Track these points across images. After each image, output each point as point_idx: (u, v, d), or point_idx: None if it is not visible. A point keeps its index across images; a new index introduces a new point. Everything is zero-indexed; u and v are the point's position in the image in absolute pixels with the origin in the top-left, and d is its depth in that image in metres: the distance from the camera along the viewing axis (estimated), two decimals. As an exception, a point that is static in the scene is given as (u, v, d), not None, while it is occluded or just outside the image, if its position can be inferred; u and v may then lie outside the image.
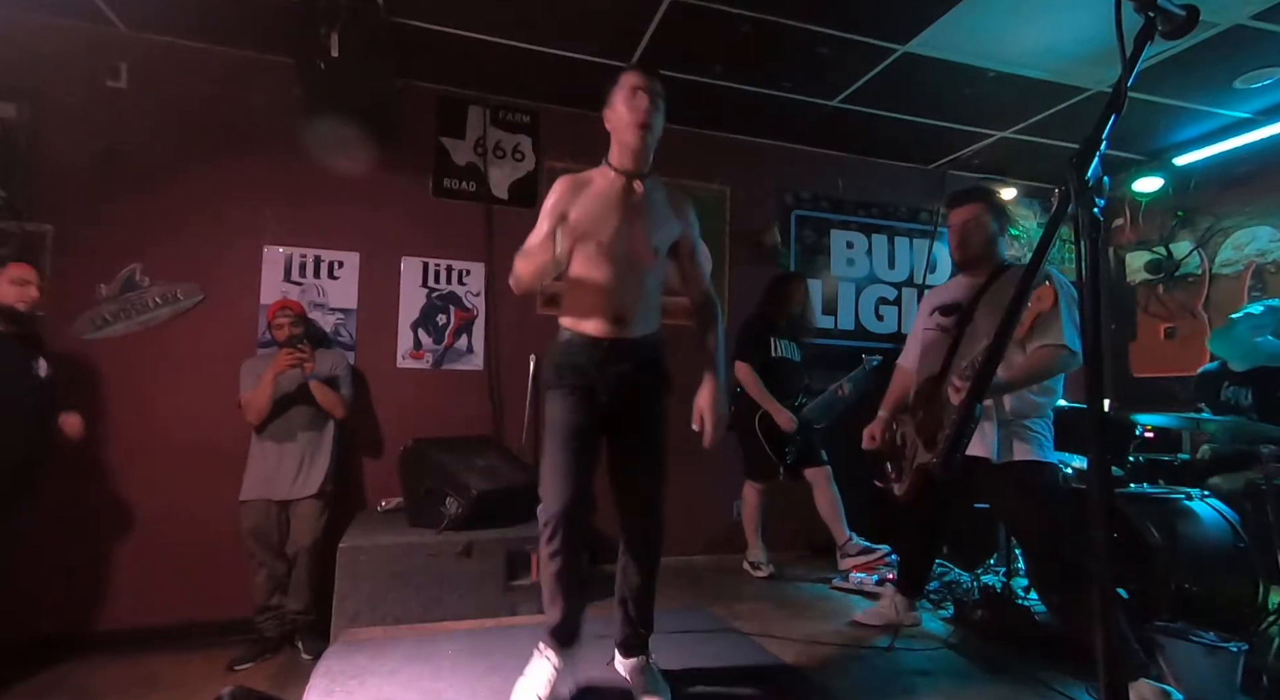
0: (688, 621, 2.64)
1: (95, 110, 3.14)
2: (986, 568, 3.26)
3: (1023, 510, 2.25)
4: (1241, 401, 3.01)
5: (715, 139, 4.24)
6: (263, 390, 2.88)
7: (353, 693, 1.93)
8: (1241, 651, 1.98)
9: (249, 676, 2.65)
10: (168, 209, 3.22)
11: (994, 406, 2.26)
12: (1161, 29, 0.98)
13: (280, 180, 3.38)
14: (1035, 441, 2.25)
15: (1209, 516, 2.58)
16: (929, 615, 2.82)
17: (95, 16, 3.06)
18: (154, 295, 3.19)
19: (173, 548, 3.07)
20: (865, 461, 2.71)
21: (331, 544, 2.72)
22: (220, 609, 3.05)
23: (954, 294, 2.53)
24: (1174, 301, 4.38)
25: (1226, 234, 4.11)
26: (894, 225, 4.68)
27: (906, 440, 2.55)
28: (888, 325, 4.60)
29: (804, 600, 3.09)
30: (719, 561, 3.80)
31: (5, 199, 3.01)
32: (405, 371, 3.58)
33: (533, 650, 1.92)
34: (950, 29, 3.02)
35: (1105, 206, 0.89)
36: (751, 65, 3.41)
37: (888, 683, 2.18)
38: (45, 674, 2.64)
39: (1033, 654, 2.38)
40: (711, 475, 3.98)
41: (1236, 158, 4.04)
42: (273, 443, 2.96)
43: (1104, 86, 3.48)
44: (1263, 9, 2.80)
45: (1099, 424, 0.85)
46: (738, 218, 4.29)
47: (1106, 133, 0.90)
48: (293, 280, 3.41)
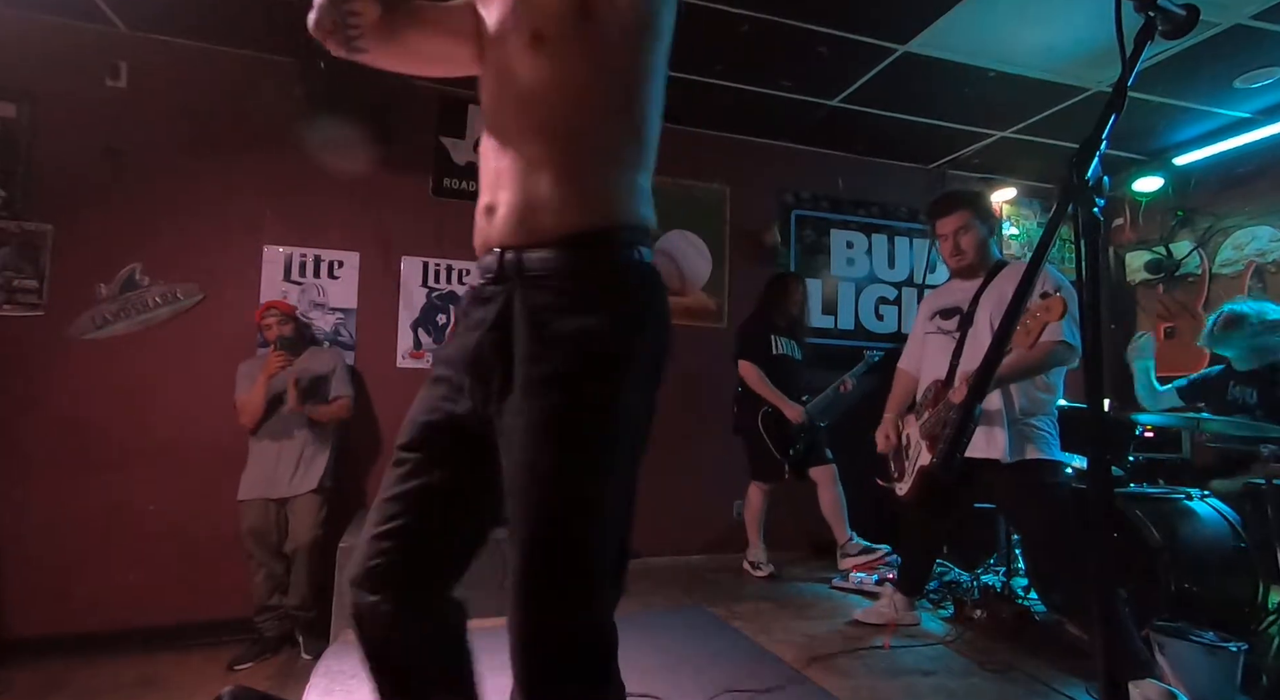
0: (688, 621, 2.64)
1: (95, 110, 3.14)
2: (986, 568, 3.25)
3: (1032, 509, 2.25)
4: (1247, 400, 3.02)
5: (715, 139, 4.23)
6: (256, 394, 2.89)
7: (353, 692, 1.93)
8: (1241, 651, 1.98)
9: (249, 676, 2.65)
10: (168, 209, 3.22)
11: (1004, 407, 2.26)
12: (1161, 29, 0.98)
13: (280, 180, 3.38)
14: (1043, 440, 2.26)
15: (1209, 516, 2.58)
16: (929, 615, 2.82)
17: (95, 16, 3.06)
18: (154, 295, 3.19)
19: (173, 548, 3.07)
20: (865, 461, 2.72)
21: (332, 541, 2.71)
22: (220, 609, 3.04)
23: (953, 297, 2.53)
24: (1174, 301, 4.38)
25: (1226, 234, 4.11)
26: (894, 225, 4.68)
27: (910, 441, 2.55)
28: (888, 325, 4.60)
29: (804, 600, 3.09)
30: (719, 561, 3.79)
31: (5, 199, 3.01)
32: (405, 371, 3.58)
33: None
34: (950, 29, 3.02)
35: (1105, 206, 0.89)
36: (751, 65, 3.41)
37: (888, 682, 2.18)
38: (45, 674, 2.64)
39: (1032, 654, 2.38)
40: (711, 475, 3.99)
41: (1236, 157, 4.04)
42: (270, 442, 2.96)
43: (1104, 86, 3.48)
44: (1263, 9, 2.80)
45: (1099, 424, 0.85)
46: (738, 218, 4.29)
47: (1106, 132, 0.90)
48: (293, 280, 3.42)
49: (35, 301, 3.00)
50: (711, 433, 3.86)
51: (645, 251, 1.04)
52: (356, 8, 1.01)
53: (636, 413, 1.00)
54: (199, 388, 3.17)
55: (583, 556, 0.94)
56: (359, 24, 1.02)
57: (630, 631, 2.65)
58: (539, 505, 0.94)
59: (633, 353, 0.98)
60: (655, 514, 3.90)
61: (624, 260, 1.01)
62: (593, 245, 0.99)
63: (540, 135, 1.00)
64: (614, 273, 1.00)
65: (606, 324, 0.96)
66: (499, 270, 1.02)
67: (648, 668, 2.20)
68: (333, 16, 1.01)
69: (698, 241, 4.18)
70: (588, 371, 0.95)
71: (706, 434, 3.91)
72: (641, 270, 1.03)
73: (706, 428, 3.89)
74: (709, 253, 4.20)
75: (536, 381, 0.95)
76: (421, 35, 1.13)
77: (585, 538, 0.95)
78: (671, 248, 4.12)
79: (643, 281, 1.03)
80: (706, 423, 3.88)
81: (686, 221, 4.16)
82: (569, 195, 0.99)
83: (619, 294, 0.99)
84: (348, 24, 1.02)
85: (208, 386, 3.16)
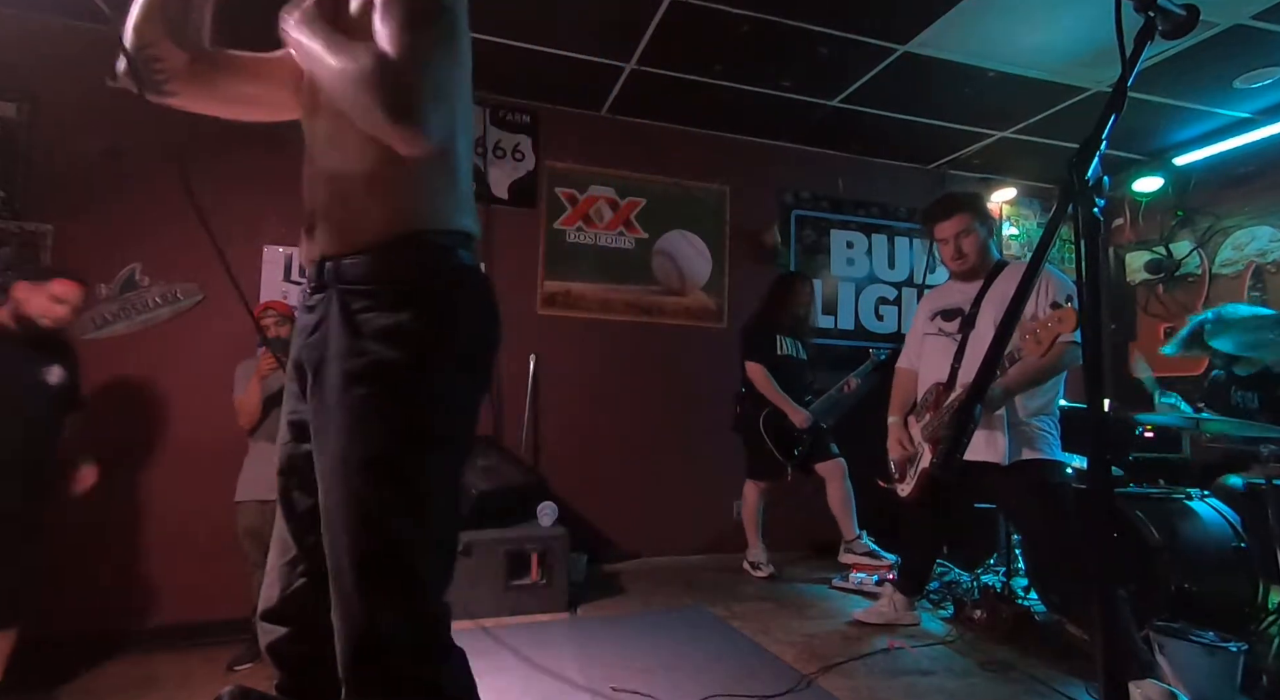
0: (688, 621, 2.64)
1: (95, 110, 3.14)
2: (986, 568, 3.26)
3: (1033, 510, 2.25)
4: (1249, 404, 3.02)
5: (715, 139, 4.24)
6: (251, 394, 2.89)
7: (353, 693, 1.92)
8: (1241, 651, 1.98)
9: (249, 676, 2.65)
10: (168, 209, 3.21)
11: (1005, 410, 2.26)
12: (1161, 29, 0.98)
13: (280, 180, 3.38)
14: (1044, 440, 2.26)
15: (1209, 516, 2.58)
16: (929, 615, 2.82)
17: (95, 16, 3.06)
18: (154, 295, 3.19)
19: (173, 547, 3.07)
20: (865, 461, 2.72)
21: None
22: (220, 609, 3.04)
23: (954, 298, 2.53)
24: (1174, 301, 4.38)
25: (1226, 234, 4.11)
26: (894, 225, 4.68)
27: (912, 443, 2.55)
28: (888, 325, 4.60)
29: (804, 600, 3.09)
30: (719, 561, 3.79)
31: (5, 199, 3.01)
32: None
33: (532, 649, 1.91)
34: (950, 29, 3.02)
35: (1105, 206, 0.89)
36: (751, 65, 3.41)
37: (888, 682, 2.18)
38: (45, 674, 2.64)
39: (1032, 654, 2.39)
40: (711, 475, 3.99)
41: (1236, 158, 4.04)
42: (267, 443, 2.95)
43: (1104, 86, 3.48)
44: (1263, 9, 2.80)
45: (1099, 424, 0.85)
46: (738, 218, 4.29)
47: (1106, 133, 0.90)
48: (293, 280, 3.42)
49: (35, 301, 3.00)
50: (711, 433, 3.86)
51: (463, 253, 1.09)
52: (160, 54, 1.10)
53: (450, 405, 1.03)
54: (199, 388, 3.17)
55: (397, 548, 0.96)
56: (163, 70, 1.11)
57: (630, 631, 2.67)
58: (352, 497, 0.96)
59: (442, 347, 1.01)
60: (655, 514, 3.93)
61: (433, 262, 1.05)
62: (402, 249, 1.04)
63: (347, 154, 1.06)
64: (423, 273, 1.04)
65: (413, 320, 1.00)
66: (319, 279, 1.09)
67: (648, 668, 2.20)
68: (137, 64, 1.08)
69: (697, 241, 4.18)
70: (396, 365, 0.98)
71: (706, 434, 3.91)
72: (454, 270, 1.07)
73: (706, 428, 3.90)
74: (709, 253, 4.20)
75: (347, 376, 0.99)
76: (232, 82, 1.23)
77: (399, 529, 0.96)
78: (671, 248, 4.12)
79: (455, 280, 1.06)
80: (706, 423, 3.89)
81: (686, 221, 4.16)
82: (379, 206, 1.04)
83: (429, 293, 1.03)
84: (153, 71, 1.10)
85: (207, 387, 3.15)
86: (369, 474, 0.96)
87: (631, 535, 3.85)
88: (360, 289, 1.02)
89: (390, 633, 0.94)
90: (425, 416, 0.99)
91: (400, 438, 0.98)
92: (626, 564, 3.75)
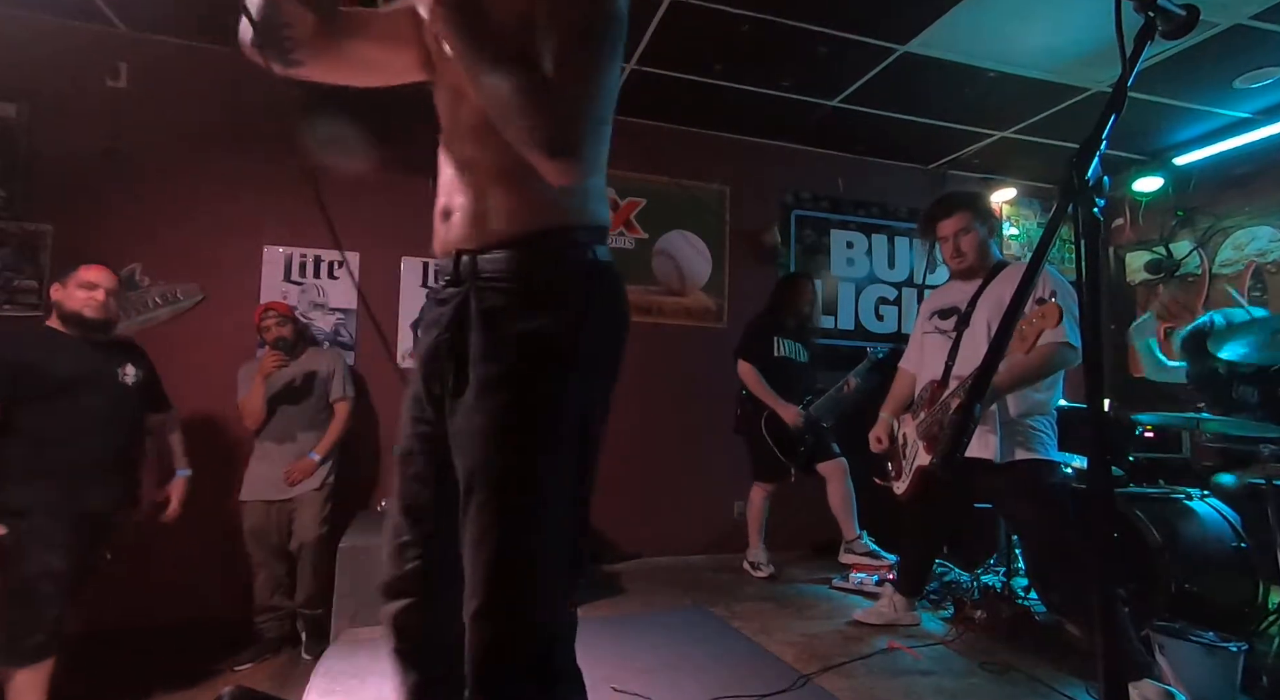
0: (688, 621, 2.64)
1: (95, 110, 3.14)
2: (986, 568, 3.26)
3: (1027, 509, 2.25)
4: (1249, 399, 3.01)
5: (715, 139, 4.24)
6: (255, 395, 2.89)
7: (353, 692, 1.93)
8: (1241, 651, 1.98)
9: (249, 676, 2.65)
10: (168, 209, 3.22)
11: (997, 409, 2.25)
12: (1161, 29, 0.98)
13: (280, 180, 3.38)
14: (1038, 440, 2.26)
15: (1209, 516, 2.58)
16: (929, 615, 2.82)
17: (95, 16, 3.06)
18: (154, 295, 3.19)
19: (173, 548, 3.06)
20: (865, 461, 2.72)
21: (334, 540, 2.71)
22: (220, 609, 3.05)
23: (952, 297, 2.53)
24: (1174, 301, 4.38)
25: (1226, 234, 4.11)
26: (894, 225, 4.68)
27: (907, 441, 2.56)
28: (888, 325, 4.60)
29: (804, 600, 3.09)
30: (719, 561, 3.79)
31: (5, 199, 3.01)
32: (406, 371, 3.58)
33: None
34: (950, 29, 3.02)
35: (1105, 206, 0.89)
36: (751, 65, 3.41)
37: (888, 682, 2.18)
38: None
39: (1032, 654, 2.38)
40: (711, 475, 3.99)
41: (1236, 158, 4.04)
42: (273, 443, 2.96)
43: (1104, 86, 3.48)
44: (1263, 9, 2.80)
45: (1099, 424, 0.85)
46: (738, 218, 4.29)
47: (1106, 133, 0.90)
48: (293, 280, 3.42)
49: (35, 301, 3.00)
50: (712, 433, 3.86)
51: (599, 249, 1.06)
52: (288, 18, 1.00)
53: (587, 411, 1.01)
54: (199, 388, 3.16)
55: (533, 557, 0.95)
56: (294, 36, 1.01)
57: (630, 631, 2.67)
58: (492, 503, 0.95)
59: (579, 351, 0.99)
60: (655, 514, 3.94)
61: (572, 259, 1.03)
62: (542, 246, 1.01)
63: (491, 144, 0.99)
64: (561, 273, 1.02)
65: (552, 324, 0.98)
66: (455, 273, 1.05)
67: (648, 668, 2.20)
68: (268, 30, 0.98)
69: (697, 242, 4.19)
70: (536, 371, 0.97)
71: (707, 434, 3.91)
72: (590, 268, 1.04)
73: (707, 428, 3.90)
74: (709, 253, 4.20)
75: (487, 380, 0.97)
76: (358, 43, 1.11)
77: (536, 537, 0.95)
78: (671, 248, 4.12)
79: (591, 279, 1.03)
80: (707, 423, 3.89)
81: (686, 221, 4.16)
82: (520, 199, 1.00)
83: (565, 294, 1.01)
84: (281, 38, 1.00)
85: (208, 387, 3.15)
86: (508, 483, 0.95)
87: (632, 535, 3.85)
88: (500, 287, 0.99)
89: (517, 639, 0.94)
90: (564, 425, 0.98)
91: (540, 447, 0.97)
92: (627, 564, 3.75)
